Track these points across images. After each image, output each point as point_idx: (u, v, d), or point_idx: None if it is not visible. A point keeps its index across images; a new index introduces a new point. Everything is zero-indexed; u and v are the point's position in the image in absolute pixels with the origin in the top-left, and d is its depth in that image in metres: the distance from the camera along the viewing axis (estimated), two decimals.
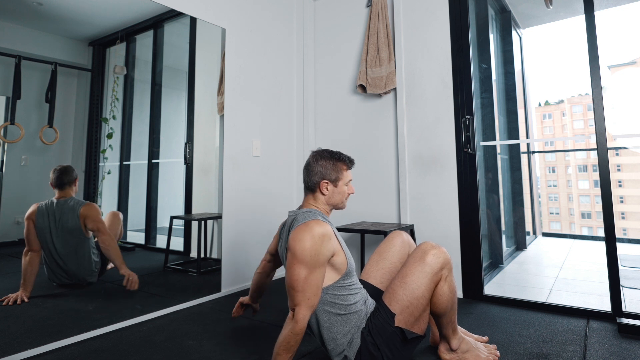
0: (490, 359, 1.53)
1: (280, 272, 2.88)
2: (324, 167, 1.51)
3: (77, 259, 2.00)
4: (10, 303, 1.74)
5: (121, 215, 2.21)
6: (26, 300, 1.77)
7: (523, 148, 4.64)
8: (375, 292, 1.58)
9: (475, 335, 1.72)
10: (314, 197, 1.54)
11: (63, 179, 1.96)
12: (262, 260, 1.81)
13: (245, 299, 1.86)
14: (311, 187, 1.53)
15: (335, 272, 1.41)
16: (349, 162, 1.56)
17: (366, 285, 1.62)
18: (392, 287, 1.45)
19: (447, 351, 1.54)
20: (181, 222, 2.53)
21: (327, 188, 1.52)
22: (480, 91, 3.38)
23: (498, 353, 1.58)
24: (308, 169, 1.54)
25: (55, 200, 1.95)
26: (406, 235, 1.73)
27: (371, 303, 1.50)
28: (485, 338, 1.73)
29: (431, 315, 1.51)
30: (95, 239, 2.05)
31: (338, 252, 1.40)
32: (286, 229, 1.51)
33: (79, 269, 2.01)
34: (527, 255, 3.86)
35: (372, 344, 1.38)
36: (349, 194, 1.57)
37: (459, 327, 1.59)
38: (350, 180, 1.58)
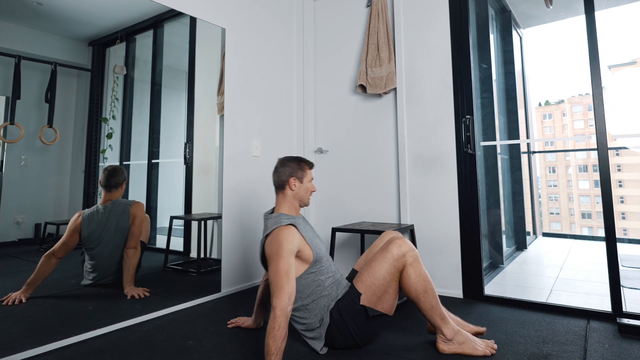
0: (487, 352, 1.59)
1: None
2: (291, 167, 1.80)
3: (122, 258, 2.08)
4: (9, 303, 1.74)
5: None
6: (24, 300, 1.77)
7: (523, 148, 4.63)
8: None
9: (471, 325, 1.78)
10: (283, 195, 1.80)
11: (111, 180, 2.04)
12: (263, 277, 1.95)
13: (248, 324, 1.93)
14: (281, 185, 1.80)
15: (303, 263, 1.68)
16: (309, 163, 1.86)
17: (355, 272, 1.86)
18: (361, 271, 1.70)
19: (444, 342, 1.62)
20: (181, 222, 2.53)
21: (294, 184, 1.78)
22: (481, 91, 3.38)
23: (495, 346, 1.64)
24: (277, 171, 1.82)
25: (101, 207, 2.01)
26: (395, 234, 1.88)
27: (345, 285, 1.74)
28: (483, 329, 1.79)
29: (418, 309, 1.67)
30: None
31: (303, 247, 1.66)
32: (263, 235, 1.73)
33: (121, 269, 2.08)
34: (527, 256, 3.85)
35: (341, 322, 1.62)
36: (311, 191, 1.84)
37: (453, 320, 1.72)
38: (312, 179, 1.86)
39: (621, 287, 1.99)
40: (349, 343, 1.64)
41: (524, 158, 4.62)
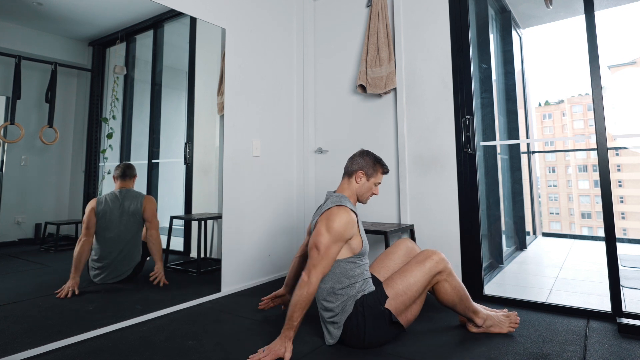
0: (511, 329, 1.80)
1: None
2: (366, 162, 1.84)
3: (131, 244, 2.17)
4: (62, 296, 1.86)
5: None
6: (76, 292, 1.89)
7: (523, 148, 4.64)
8: (377, 283, 1.79)
9: (501, 311, 1.90)
10: (348, 182, 1.85)
11: (126, 171, 2.21)
12: (301, 246, 2.06)
13: (279, 290, 2.08)
14: (349, 173, 1.85)
15: (350, 250, 1.71)
16: (385, 167, 1.88)
17: (373, 277, 1.87)
18: (393, 277, 1.73)
19: (475, 327, 1.81)
20: (181, 222, 2.53)
21: (361, 178, 1.82)
22: (480, 91, 3.38)
23: (518, 319, 1.83)
24: (353, 158, 1.87)
25: (117, 191, 2.15)
26: (411, 243, 2.01)
27: (370, 286, 1.74)
28: (514, 313, 1.87)
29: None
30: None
31: (355, 236, 1.71)
32: (321, 209, 1.78)
33: (128, 256, 2.16)
34: (527, 255, 3.85)
35: (362, 315, 1.63)
36: (373, 193, 1.87)
37: (484, 307, 1.85)
38: (380, 183, 1.88)
39: (621, 287, 1.99)
40: (355, 340, 1.64)
41: (524, 158, 4.62)
